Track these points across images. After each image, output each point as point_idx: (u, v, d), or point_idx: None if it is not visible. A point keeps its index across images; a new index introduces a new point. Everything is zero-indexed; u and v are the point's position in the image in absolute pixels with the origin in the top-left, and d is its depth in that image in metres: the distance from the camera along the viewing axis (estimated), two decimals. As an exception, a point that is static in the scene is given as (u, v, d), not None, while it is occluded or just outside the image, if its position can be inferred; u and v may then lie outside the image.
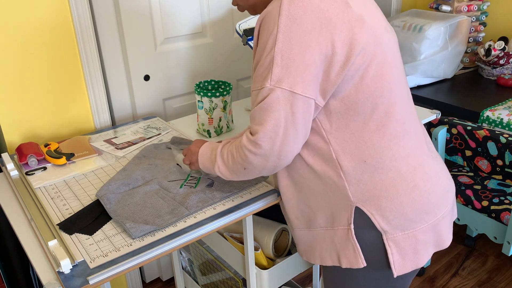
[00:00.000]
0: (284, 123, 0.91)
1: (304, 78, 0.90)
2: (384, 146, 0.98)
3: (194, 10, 1.89)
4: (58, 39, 1.54)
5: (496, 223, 1.70)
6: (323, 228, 1.07)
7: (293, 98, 0.90)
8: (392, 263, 1.01)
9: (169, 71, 1.89)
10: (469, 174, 1.93)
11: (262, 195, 1.21)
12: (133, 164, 1.36)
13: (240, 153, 0.98)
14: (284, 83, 0.90)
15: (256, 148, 0.94)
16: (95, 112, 1.69)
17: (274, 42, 0.89)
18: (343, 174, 0.99)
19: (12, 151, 1.56)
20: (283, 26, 0.88)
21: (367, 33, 0.92)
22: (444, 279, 2.10)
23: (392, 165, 0.98)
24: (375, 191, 0.99)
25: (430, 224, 1.03)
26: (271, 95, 0.90)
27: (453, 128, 1.83)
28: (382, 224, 1.00)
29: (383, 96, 0.96)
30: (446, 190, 1.06)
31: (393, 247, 1.01)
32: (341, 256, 1.05)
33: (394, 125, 0.98)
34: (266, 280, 1.34)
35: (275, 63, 0.89)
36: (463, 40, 2.22)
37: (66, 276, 0.94)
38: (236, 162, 1.00)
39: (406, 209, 0.99)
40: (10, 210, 1.21)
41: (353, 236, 1.02)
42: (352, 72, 0.92)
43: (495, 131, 1.70)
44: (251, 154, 0.95)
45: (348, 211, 1.01)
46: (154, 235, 1.06)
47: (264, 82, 0.92)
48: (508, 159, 1.71)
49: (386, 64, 0.95)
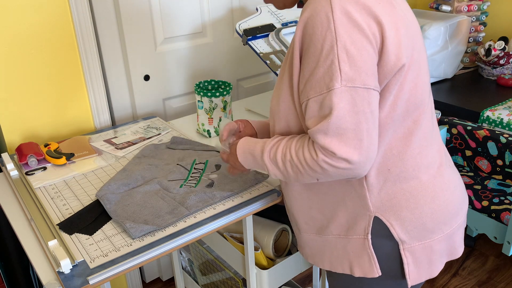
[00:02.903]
0: (366, 127, 0.83)
1: (373, 72, 0.84)
2: (409, 155, 0.95)
3: (194, 10, 1.89)
4: (58, 39, 1.54)
5: (496, 223, 1.70)
6: (335, 236, 1.03)
7: (368, 95, 0.83)
8: (407, 274, 0.99)
9: (169, 71, 1.89)
10: (469, 174, 1.93)
11: (262, 195, 1.21)
12: (133, 164, 1.36)
13: (314, 169, 0.88)
14: (357, 81, 0.82)
15: (342, 163, 0.84)
16: (95, 112, 1.69)
17: (335, 39, 0.82)
18: (366, 183, 0.95)
19: (12, 151, 1.56)
20: (340, 22, 0.82)
21: (409, 36, 0.89)
22: (444, 279, 2.10)
23: (414, 174, 0.96)
24: (395, 200, 0.96)
25: (446, 234, 1.01)
26: (345, 97, 0.82)
27: (453, 128, 1.83)
28: (400, 234, 0.97)
29: (415, 104, 0.92)
30: (462, 199, 1.04)
31: (409, 257, 0.98)
32: (354, 265, 1.01)
33: (420, 134, 0.96)
34: (266, 280, 1.34)
35: (342, 60, 0.82)
36: (463, 40, 2.22)
37: (66, 276, 0.94)
38: (304, 175, 0.91)
39: (426, 219, 0.97)
40: (10, 210, 1.21)
41: (370, 246, 0.98)
42: (398, 75, 0.88)
43: (495, 131, 1.70)
44: (334, 169, 0.86)
45: (366, 221, 0.98)
46: (154, 235, 1.06)
47: (331, 84, 0.82)
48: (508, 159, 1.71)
49: (421, 72, 0.92)
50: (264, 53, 1.66)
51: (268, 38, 1.72)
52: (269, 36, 1.72)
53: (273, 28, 1.75)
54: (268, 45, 1.70)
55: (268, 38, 1.72)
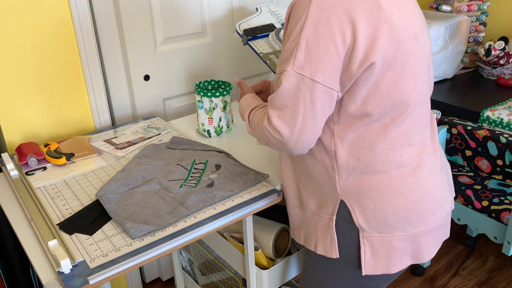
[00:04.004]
0: (303, 111, 0.93)
1: (326, 68, 0.90)
2: (380, 149, 0.98)
3: (194, 10, 1.89)
4: (58, 39, 1.54)
5: (496, 223, 1.70)
6: (312, 213, 1.11)
7: (313, 86, 0.91)
8: (363, 261, 1.04)
9: (169, 71, 1.89)
10: (469, 174, 1.93)
11: (262, 195, 1.21)
12: (133, 164, 1.36)
13: (260, 131, 1.02)
14: (305, 70, 0.91)
15: (275, 133, 0.97)
16: (95, 112, 1.69)
17: (302, 28, 0.90)
18: (336, 167, 1.02)
19: (12, 151, 1.56)
20: (312, 14, 0.89)
21: (391, 37, 0.91)
22: (444, 279, 2.10)
23: (383, 168, 0.99)
24: (360, 188, 1.01)
25: (409, 234, 1.03)
26: (291, 80, 0.92)
27: (453, 128, 1.83)
28: (360, 221, 1.02)
29: (393, 103, 0.95)
30: (435, 206, 1.04)
31: (367, 246, 1.03)
32: (318, 243, 1.09)
33: (397, 132, 0.98)
34: (266, 280, 1.34)
35: (299, 48, 0.90)
36: (463, 40, 2.22)
37: (66, 276, 0.94)
38: (260, 134, 1.04)
39: (387, 212, 1.00)
40: (10, 210, 1.21)
41: (333, 227, 1.05)
42: (368, 73, 0.91)
43: (495, 131, 1.70)
44: (271, 136, 0.99)
45: (334, 202, 1.05)
46: (154, 235, 1.06)
47: (286, 66, 0.93)
48: (508, 159, 1.71)
49: (405, 73, 0.94)
50: (264, 53, 1.66)
51: (268, 38, 1.72)
52: (269, 36, 1.72)
53: (273, 28, 1.75)
54: (268, 45, 1.70)
55: (268, 38, 1.72)
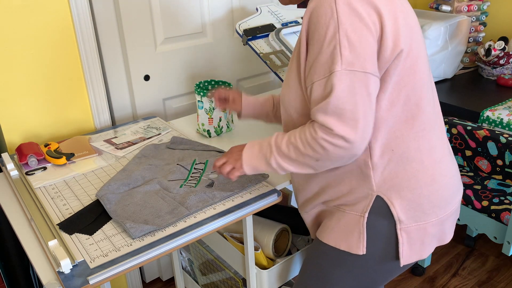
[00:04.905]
0: (362, 108, 0.90)
1: (373, 59, 0.91)
2: (411, 137, 1.00)
3: (194, 10, 1.89)
4: (58, 39, 1.54)
5: (496, 223, 1.70)
6: (333, 207, 1.09)
7: (366, 79, 0.90)
8: (401, 253, 1.04)
9: (169, 71, 1.89)
10: (469, 174, 1.93)
11: (262, 195, 1.21)
12: (133, 164, 1.36)
13: (314, 147, 0.94)
14: (355, 65, 0.89)
15: (338, 140, 0.90)
16: (95, 112, 1.69)
17: (337, 27, 0.89)
18: (371, 163, 1.00)
19: (12, 151, 1.56)
20: (343, 11, 0.89)
21: (407, 26, 0.95)
22: (444, 279, 2.10)
23: (416, 156, 1.01)
24: (397, 179, 1.01)
25: (439, 218, 1.06)
26: (344, 79, 0.89)
27: (453, 128, 1.83)
28: (400, 213, 1.02)
29: (415, 89, 0.98)
30: (457, 189, 1.10)
31: (405, 237, 1.03)
32: (341, 239, 1.06)
33: (423, 118, 1.01)
34: (266, 280, 1.34)
35: (342, 46, 0.89)
36: (463, 40, 2.22)
37: (66, 276, 0.94)
38: (305, 155, 0.96)
39: (423, 200, 1.02)
40: (10, 210, 1.21)
41: (364, 224, 1.03)
42: (397, 61, 0.94)
43: (495, 131, 1.70)
44: (332, 147, 0.91)
45: (367, 200, 1.03)
46: (154, 235, 1.06)
47: (333, 67, 0.89)
48: (508, 159, 1.71)
49: (419, 60, 0.98)
50: (264, 53, 1.66)
51: (268, 38, 1.72)
52: (269, 36, 1.72)
53: (273, 28, 1.75)
54: (268, 45, 1.70)
55: (268, 38, 1.72)
